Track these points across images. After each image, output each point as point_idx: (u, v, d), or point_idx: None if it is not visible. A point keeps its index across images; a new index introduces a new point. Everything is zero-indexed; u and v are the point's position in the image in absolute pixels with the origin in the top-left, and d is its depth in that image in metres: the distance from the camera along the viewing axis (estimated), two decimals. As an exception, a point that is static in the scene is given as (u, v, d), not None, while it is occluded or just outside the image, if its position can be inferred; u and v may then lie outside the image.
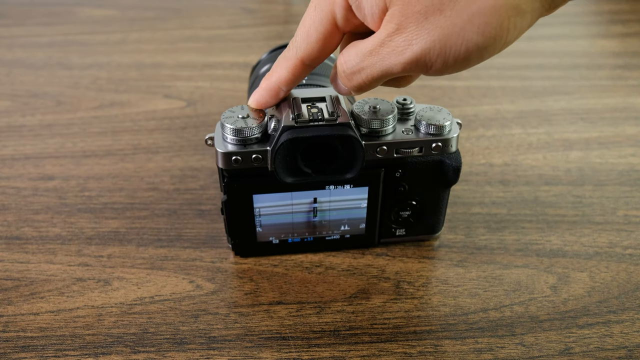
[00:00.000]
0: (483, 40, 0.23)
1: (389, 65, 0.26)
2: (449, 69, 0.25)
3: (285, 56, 0.32)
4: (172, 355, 0.33)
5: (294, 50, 0.31)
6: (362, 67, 0.28)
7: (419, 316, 0.36)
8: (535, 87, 0.62)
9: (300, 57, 0.31)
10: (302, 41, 0.30)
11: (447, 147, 0.36)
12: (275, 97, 0.34)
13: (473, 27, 0.23)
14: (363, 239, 0.40)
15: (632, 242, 0.41)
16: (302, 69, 0.31)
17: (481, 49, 0.24)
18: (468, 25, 0.23)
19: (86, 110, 0.58)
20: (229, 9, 0.84)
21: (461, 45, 0.24)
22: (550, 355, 0.33)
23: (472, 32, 0.23)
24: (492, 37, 0.23)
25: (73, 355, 0.33)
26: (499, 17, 0.23)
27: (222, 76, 0.65)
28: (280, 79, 0.32)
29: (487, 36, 0.23)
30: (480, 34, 0.23)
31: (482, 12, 0.23)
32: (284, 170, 0.34)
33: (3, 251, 0.41)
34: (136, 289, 0.38)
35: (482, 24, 0.23)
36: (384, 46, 0.26)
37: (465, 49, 0.24)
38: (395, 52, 0.25)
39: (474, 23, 0.23)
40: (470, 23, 0.23)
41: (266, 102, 0.34)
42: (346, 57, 0.28)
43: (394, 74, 0.27)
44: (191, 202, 0.45)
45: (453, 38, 0.24)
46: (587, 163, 0.49)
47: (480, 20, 0.23)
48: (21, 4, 0.85)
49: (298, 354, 0.34)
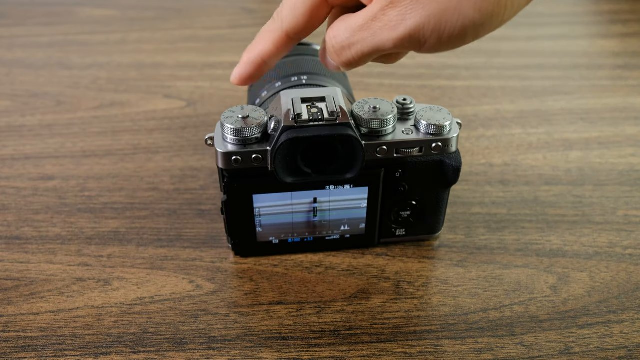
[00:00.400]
0: (479, 16, 0.23)
1: (381, 40, 0.25)
2: (442, 45, 0.24)
3: (269, 28, 0.30)
4: (172, 355, 0.33)
5: (279, 22, 0.30)
6: (352, 43, 0.26)
7: (419, 316, 0.36)
8: (535, 87, 0.62)
9: (285, 30, 0.29)
10: (288, 13, 0.29)
11: (447, 147, 0.36)
12: (258, 70, 0.32)
13: (470, 2, 0.22)
14: (363, 239, 0.40)
15: (632, 242, 0.41)
16: (286, 41, 0.30)
17: (477, 26, 0.23)
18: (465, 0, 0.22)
19: (86, 110, 0.58)
20: (229, 9, 0.84)
21: (457, 21, 0.23)
22: (550, 355, 0.33)
23: (469, 8, 0.23)
24: (488, 13, 0.23)
25: (73, 355, 0.33)
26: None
27: (222, 76, 0.65)
28: (264, 51, 0.31)
29: (484, 12, 0.23)
30: (477, 10, 0.23)
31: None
32: (284, 170, 0.34)
33: (3, 251, 0.41)
34: (136, 289, 0.38)
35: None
36: (376, 20, 0.25)
37: (461, 25, 0.23)
38: (388, 26, 0.25)
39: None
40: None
41: (249, 76, 0.32)
42: (335, 32, 0.27)
43: (385, 50, 0.26)
44: (191, 202, 0.45)
45: (449, 13, 0.23)
46: (587, 163, 0.49)
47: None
48: (21, 4, 0.85)
49: (298, 354, 0.34)
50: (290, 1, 0.29)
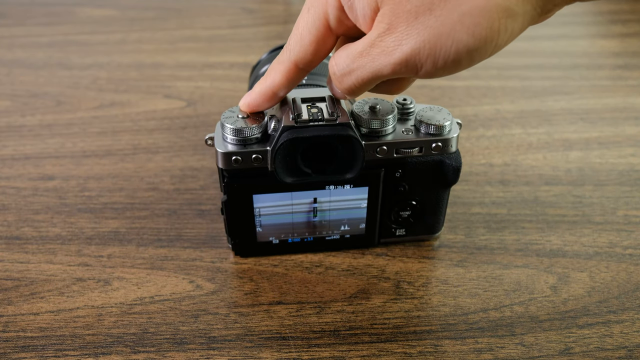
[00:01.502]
0: (473, 41, 0.23)
1: (379, 66, 0.26)
2: (438, 71, 0.25)
3: (279, 60, 0.31)
4: (172, 355, 0.33)
5: (287, 54, 0.31)
6: (352, 69, 0.27)
7: (419, 316, 0.36)
8: (535, 87, 0.62)
9: (293, 61, 0.30)
10: (295, 44, 0.30)
11: (447, 147, 0.36)
12: (269, 101, 0.33)
13: (463, 27, 0.23)
14: (363, 239, 0.40)
15: (632, 242, 0.41)
16: (296, 72, 0.31)
17: (471, 51, 0.23)
18: (458, 25, 0.23)
19: (86, 110, 0.58)
20: (229, 9, 0.84)
21: (451, 46, 0.23)
22: (550, 355, 0.33)
23: (462, 33, 0.23)
24: (482, 38, 0.23)
25: (73, 355, 0.33)
26: (490, 18, 0.22)
27: (222, 76, 0.65)
28: (274, 83, 0.32)
29: (478, 37, 0.23)
30: (471, 34, 0.23)
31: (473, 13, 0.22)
32: (284, 170, 0.34)
33: (3, 251, 0.41)
34: (136, 289, 0.38)
35: (473, 24, 0.23)
36: (374, 47, 0.26)
37: (455, 50, 0.23)
38: (385, 52, 0.25)
39: (464, 23, 0.23)
40: (460, 23, 0.23)
41: (258, 106, 0.33)
42: (337, 60, 0.28)
43: (384, 76, 0.26)
44: (191, 202, 0.45)
45: (443, 38, 0.23)
46: (587, 163, 0.49)
47: (471, 20, 0.22)
48: (21, 4, 0.85)
49: (298, 354, 0.34)
50: (297, 33, 0.30)
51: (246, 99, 0.34)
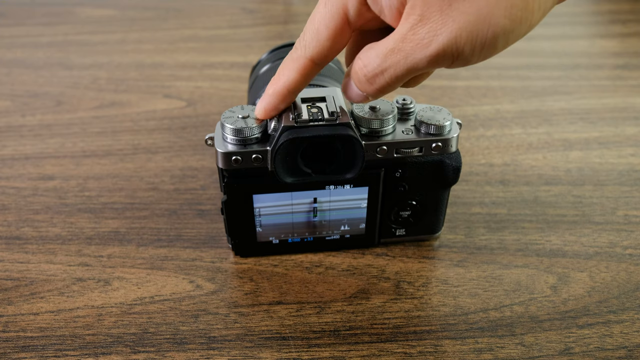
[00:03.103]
0: (510, 23, 0.23)
1: (414, 60, 0.25)
2: (475, 57, 0.24)
3: (293, 57, 0.30)
4: (172, 355, 0.33)
5: (302, 50, 0.30)
6: (385, 68, 0.26)
7: (419, 316, 0.36)
8: (535, 87, 0.62)
9: (309, 56, 0.29)
10: (311, 39, 0.29)
11: (447, 147, 0.36)
12: (284, 101, 0.32)
13: (500, 10, 0.22)
14: (363, 239, 0.40)
15: (632, 242, 0.41)
16: (311, 68, 0.30)
17: (508, 33, 0.23)
18: (495, 9, 0.22)
19: (86, 110, 0.58)
20: (229, 9, 0.84)
21: (488, 31, 0.23)
22: (550, 355, 0.33)
23: (499, 16, 0.22)
24: (518, 19, 0.23)
25: (73, 355, 0.33)
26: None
27: (222, 76, 0.65)
28: (290, 81, 0.31)
29: (514, 19, 0.22)
30: (507, 17, 0.22)
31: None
32: (284, 170, 0.34)
33: (3, 251, 0.41)
34: (136, 289, 0.38)
35: (509, 6, 0.22)
36: (407, 41, 0.25)
37: (492, 33, 0.23)
38: (420, 45, 0.24)
39: (500, 6, 0.22)
40: (496, 6, 0.22)
41: (275, 108, 0.32)
42: (366, 61, 0.27)
43: (419, 70, 0.25)
44: (191, 202, 0.45)
45: (480, 24, 0.23)
46: (587, 163, 0.49)
47: (507, 2, 0.22)
48: (21, 4, 0.85)
49: (298, 354, 0.34)
50: (313, 27, 0.29)
51: (262, 104, 0.32)
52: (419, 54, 0.24)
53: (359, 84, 0.28)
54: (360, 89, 0.28)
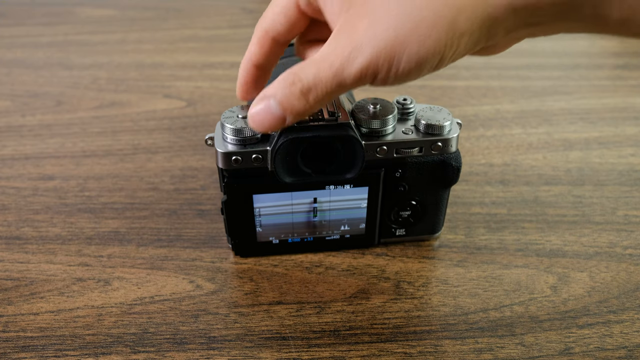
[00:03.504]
0: (424, 51, 0.25)
1: (342, 77, 0.26)
2: (391, 79, 0.26)
3: (255, 27, 0.32)
4: (172, 355, 0.33)
5: (260, 22, 0.32)
6: (317, 83, 0.27)
7: (419, 316, 0.36)
8: (535, 87, 0.62)
9: (264, 27, 0.31)
10: (268, 10, 0.31)
11: (447, 147, 0.36)
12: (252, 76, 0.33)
13: (415, 37, 0.24)
14: (363, 239, 0.40)
15: (632, 242, 0.41)
16: (267, 41, 0.31)
17: (420, 61, 0.25)
18: (410, 36, 0.24)
19: (86, 110, 0.58)
20: (229, 9, 0.84)
21: (403, 54, 0.25)
22: (550, 355, 0.33)
23: (414, 43, 0.24)
24: (430, 50, 0.25)
25: (73, 355, 0.33)
26: (438, 33, 0.24)
27: (222, 76, 0.65)
28: (250, 52, 0.32)
29: (426, 48, 0.25)
30: (421, 45, 0.24)
31: (424, 24, 0.24)
32: (283, 170, 0.34)
33: (3, 251, 0.41)
34: (136, 289, 0.38)
35: (423, 35, 0.24)
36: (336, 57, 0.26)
37: (406, 58, 0.25)
38: (347, 62, 0.26)
39: (416, 34, 0.24)
40: (412, 34, 0.24)
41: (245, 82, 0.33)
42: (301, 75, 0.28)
43: (347, 86, 0.27)
44: (191, 202, 0.45)
45: (396, 47, 0.25)
46: (587, 163, 0.49)
47: (422, 31, 0.24)
48: (21, 4, 0.85)
49: (298, 354, 0.34)
50: (271, 2, 0.31)
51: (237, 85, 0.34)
52: (346, 71, 0.26)
53: (288, 100, 0.28)
54: (288, 106, 0.28)
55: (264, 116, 0.28)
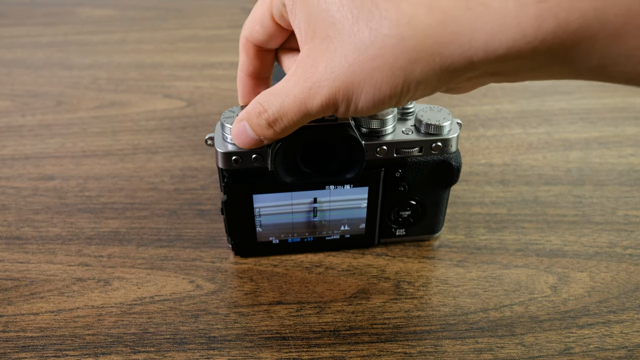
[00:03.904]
0: (379, 94, 0.25)
1: (307, 107, 0.27)
2: (351, 114, 0.27)
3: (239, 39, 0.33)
4: (172, 355, 0.33)
5: (242, 29, 0.32)
6: (283, 113, 0.28)
7: (419, 316, 0.36)
8: (535, 87, 0.62)
9: (245, 35, 0.32)
10: (247, 19, 0.32)
11: (447, 147, 0.36)
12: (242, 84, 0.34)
13: (371, 80, 0.25)
14: (363, 239, 0.40)
15: (632, 242, 0.41)
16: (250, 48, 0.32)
17: (377, 102, 0.26)
18: (367, 78, 0.25)
19: (86, 110, 0.58)
20: (229, 9, 0.84)
21: (360, 94, 0.25)
22: (550, 355, 0.33)
23: (370, 85, 0.25)
24: (386, 94, 0.25)
25: (73, 355, 0.33)
26: (394, 80, 0.24)
27: (222, 76, 0.65)
28: (240, 64, 0.33)
29: (382, 92, 0.25)
30: (377, 88, 0.25)
31: (380, 70, 0.24)
32: (283, 170, 0.34)
33: (3, 251, 0.41)
34: (136, 289, 0.38)
35: (380, 80, 0.24)
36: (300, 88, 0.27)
37: (363, 98, 0.25)
38: (311, 94, 0.26)
39: (373, 77, 0.25)
40: (369, 77, 0.25)
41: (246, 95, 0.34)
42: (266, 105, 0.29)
43: (312, 115, 0.27)
44: (191, 202, 0.45)
45: (353, 88, 0.25)
46: (587, 163, 0.49)
47: (378, 76, 0.24)
48: (21, 4, 0.85)
49: (298, 354, 0.34)
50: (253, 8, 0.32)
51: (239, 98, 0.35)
52: (308, 104, 0.27)
53: (259, 129, 0.29)
54: (259, 133, 0.30)
55: (243, 138, 0.30)
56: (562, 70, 0.23)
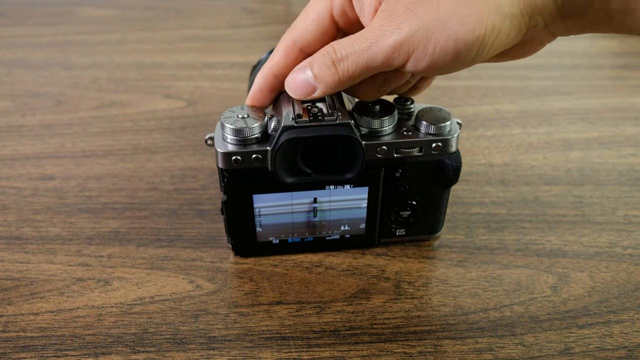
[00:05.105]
0: (463, 31, 0.24)
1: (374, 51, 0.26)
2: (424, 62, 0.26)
3: (281, 39, 0.32)
4: (172, 355, 0.33)
5: (288, 32, 0.32)
6: (349, 53, 0.27)
7: (419, 316, 0.36)
8: (535, 87, 0.62)
9: (292, 38, 0.32)
10: (298, 21, 0.31)
11: (447, 147, 0.36)
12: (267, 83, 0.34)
13: (455, 15, 0.24)
14: (363, 239, 0.40)
15: (632, 242, 0.41)
16: (294, 51, 0.32)
17: (459, 42, 0.24)
18: (452, 13, 0.24)
19: (86, 110, 0.58)
20: (229, 9, 0.84)
21: (442, 33, 0.24)
22: (550, 355, 0.33)
23: (454, 21, 0.24)
24: (471, 29, 0.24)
25: (73, 355, 0.33)
26: (480, 11, 0.24)
27: (222, 76, 0.65)
28: (273, 61, 0.33)
29: (467, 28, 0.24)
30: (461, 23, 0.24)
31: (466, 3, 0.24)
32: (284, 170, 0.34)
33: (3, 251, 0.41)
34: (136, 289, 0.38)
35: (464, 14, 0.24)
36: (373, 31, 0.26)
37: (444, 37, 0.25)
38: (382, 36, 0.26)
39: (457, 12, 0.24)
40: (453, 12, 0.24)
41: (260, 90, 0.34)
42: (336, 45, 0.28)
43: (377, 62, 0.27)
44: (191, 202, 0.45)
45: (436, 24, 0.24)
46: (587, 163, 0.49)
47: (463, 10, 0.24)
48: (21, 4, 0.85)
49: (298, 354, 0.34)
50: (304, 11, 0.31)
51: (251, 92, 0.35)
52: (379, 45, 0.26)
53: (321, 69, 0.29)
54: (320, 74, 0.29)
55: (299, 82, 0.30)
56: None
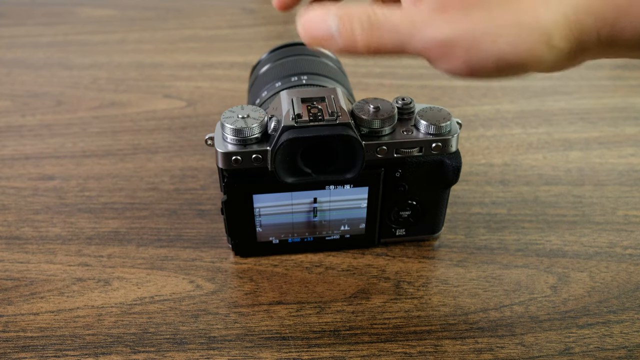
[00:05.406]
0: (510, 51, 0.23)
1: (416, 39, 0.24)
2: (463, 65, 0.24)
3: None
4: (172, 355, 0.33)
5: None
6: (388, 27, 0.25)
7: (419, 316, 0.36)
8: (535, 87, 0.62)
9: None
10: None
11: (447, 147, 0.36)
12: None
13: (508, 33, 0.23)
14: (363, 239, 0.40)
15: (632, 242, 0.41)
16: None
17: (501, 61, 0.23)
18: (504, 30, 0.23)
19: (86, 110, 0.58)
20: (229, 9, 0.84)
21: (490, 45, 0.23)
22: (550, 355, 0.33)
23: (504, 39, 0.23)
24: (518, 53, 0.23)
25: (73, 355, 0.33)
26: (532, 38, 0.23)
27: (222, 76, 0.65)
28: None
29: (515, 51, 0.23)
30: (511, 44, 0.23)
31: (521, 25, 0.23)
32: (284, 170, 0.34)
33: (3, 251, 0.41)
34: (136, 289, 0.38)
35: (516, 35, 0.23)
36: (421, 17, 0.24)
37: (490, 52, 0.23)
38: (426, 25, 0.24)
39: (510, 31, 0.23)
40: (507, 29, 0.23)
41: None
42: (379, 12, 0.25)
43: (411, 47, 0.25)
44: (191, 202, 0.45)
45: (486, 36, 0.23)
46: (587, 163, 0.49)
47: (517, 31, 0.23)
48: (21, 4, 0.85)
49: (298, 354, 0.34)
50: None
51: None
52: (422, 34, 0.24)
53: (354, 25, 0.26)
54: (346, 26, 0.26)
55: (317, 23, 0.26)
56: None
